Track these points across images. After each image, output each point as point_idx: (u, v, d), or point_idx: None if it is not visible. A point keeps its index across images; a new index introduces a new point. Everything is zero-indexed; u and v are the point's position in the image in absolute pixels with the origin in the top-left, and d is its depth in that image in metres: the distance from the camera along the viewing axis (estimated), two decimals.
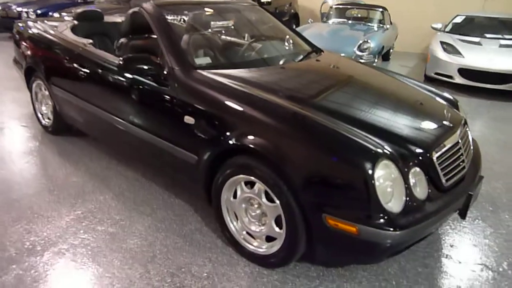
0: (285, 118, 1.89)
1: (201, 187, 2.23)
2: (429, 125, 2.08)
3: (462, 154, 2.08)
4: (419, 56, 8.99)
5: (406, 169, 1.76)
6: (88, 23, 3.58)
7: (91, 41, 3.03)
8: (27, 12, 8.32)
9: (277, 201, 1.88)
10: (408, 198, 1.73)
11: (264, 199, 1.97)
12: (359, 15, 7.76)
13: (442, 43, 6.13)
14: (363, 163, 1.66)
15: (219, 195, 2.14)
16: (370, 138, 1.80)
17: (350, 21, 7.32)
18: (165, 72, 2.29)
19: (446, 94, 2.68)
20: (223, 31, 2.89)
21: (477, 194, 2.14)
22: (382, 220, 1.65)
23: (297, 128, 1.84)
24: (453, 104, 2.57)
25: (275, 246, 2.00)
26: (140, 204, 2.65)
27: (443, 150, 1.94)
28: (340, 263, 2.13)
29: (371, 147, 1.73)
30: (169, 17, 2.61)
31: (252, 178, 1.95)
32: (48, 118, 3.67)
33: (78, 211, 2.55)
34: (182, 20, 2.74)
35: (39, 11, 8.29)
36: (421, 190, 1.80)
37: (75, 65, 2.94)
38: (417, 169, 1.81)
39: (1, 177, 2.95)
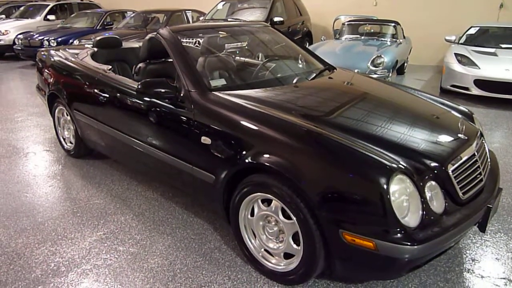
0: (299, 136, 1.93)
1: (219, 205, 2.27)
2: (444, 139, 2.09)
3: (479, 167, 2.07)
4: (434, 69, 8.95)
5: (421, 183, 1.77)
6: (107, 50, 3.73)
7: (110, 67, 3.15)
8: (48, 41, 8.68)
9: (294, 218, 1.90)
10: (424, 212, 1.73)
11: (281, 216, 1.99)
12: (372, 31, 7.82)
13: (456, 55, 6.11)
14: (378, 178, 1.68)
15: (237, 213, 2.17)
16: (385, 153, 1.82)
17: (362, 37, 7.37)
18: (181, 95, 2.37)
19: (460, 107, 2.67)
20: (237, 53, 2.98)
21: (496, 207, 2.11)
22: (399, 235, 1.66)
23: (311, 146, 1.87)
24: (468, 116, 2.57)
25: (294, 263, 2.01)
26: (160, 224, 2.71)
27: (459, 163, 1.94)
28: (359, 279, 2.12)
29: (386, 162, 1.74)
30: (184, 41, 2.71)
31: (269, 195, 1.98)
32: (70, 142, 3.80)
33: (100, 232, 2.61)
34: (197, 43, 2.83)
35: (60, 39, 8.65)
36: (437, 204, 1.80)
37: (95, 90, 3.06)
38: (433, 182, 1.82)
39: (27, 201, 3.06)
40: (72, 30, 9.39)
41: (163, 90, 2.38)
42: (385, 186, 1.66)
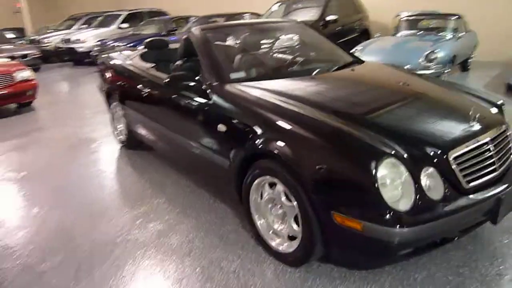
0: (300, 123, 2.03)
1: (233, 188, 2.44)
2: (451, 126, 2.04)
3: (492, 156, 1.99)
4: (504, 65, 8.25)
5: (417, 169, 1.77)
6: (156, 51, 4.08)
7: (153, 65, 3.47)
8: (119, 46, 9.53)
9: (294, 201, 2.00)
10: (418, 197, 1.73)
11: (283, 199, 2.10)
12: (432, 26, 7.46)
13: None
14: (367, 161, 1.73)
15: (247, 195, 2.32)
16: (381, 139, 1.84)
17: (419, 32, 7.07)
18: (203, 87, 2.58)
19: (491, 97, 2.55)
20: (261, 48, 3.12)
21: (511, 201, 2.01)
22: (386, 218, 1.68)
23: (309, 132, 1.96)
24: (496, 106, 2.45)
25: (295, 245, 2.10)
26: (188, 207, 2.94)
27: (464, 150, 1.89)
28: (355, 265, 2.13)
29: (376, 146, 1.78)
30: (212, 39, 2.92)
31: (274, 179, 2.10)
32: (123, 135, 4.21)
33: (135, 212, 2.91)
34: (225, 41, 3.03)
35: (128, 45, 9.45)
36: (435, 190, 1.78)
37: (138, 86, 3.40)
38: (431, 169, 1.80)
39: (83, 183, 3.49)
40: (140, 36, 10.19)
41: (188, 83, 2.60)
42: (373, 169, 1.70)
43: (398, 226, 1.67)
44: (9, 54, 9.62)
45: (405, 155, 1.78)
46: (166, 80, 2.62)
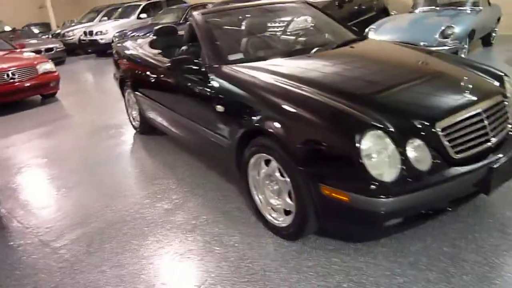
0: (290, 100, 2.08)
1: (233, 166, 2.52)
2: (440, 97, 2.04)
3: (485, 127, 1.97)
4: None
5: (403, 141, 1.79)
6: (165, 37, 4.18)
7: (160, 51, 3.58)
8: (138, 36, 9.70)
9: (286, 176, 2.06)
10: (404, 168, 1.75)
11: (278, 175, 2.16)
12: (452, 0, 7.20)
13: None
14: (351, 133, 1.76)
15: (246, 172, 2.40)
16: (366, 111, 1.87)
17: (438, 8, 6.85)
18: (203, 69, 2.65)
19: (492, 69, 2.51)
20: (262, 29, 3.15)
21: (506, 171, 2.00)
22: (372, 188, 1.72)
23: (299, 107, 2.00)
24: (497, 78, 2.40)
25: (290, 219, 2.17)
26: (196, 187, 3.05)
27: (452, 122, 1.89)
28: (348, 236, 2.18)
29: (360, 118, 1.81)
30: (213, 22, 2.99)
31: (269, 156, 2.17)
32: (137, 121, 4.37)
33: (145, 192, 3.06)
34: (226, 24, 3.08)
35: (147, 34, 9.61)
36: (422, 161, 1.80)
37: (147, 73, 3.52)
38: (418, 140, 1.81)
39: (100, 166, 3.68)
40: (158, 25, 10.33)
41: (188, 66, 2.69)
42: (357, 141, 1.73)
43: (383, 196, 1.71)
44: (35, 48, 10.03)
45: (391, 127, 1.80)
46: (168, 64, 2.71)
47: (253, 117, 2.21)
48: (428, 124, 1.85)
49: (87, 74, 10.00)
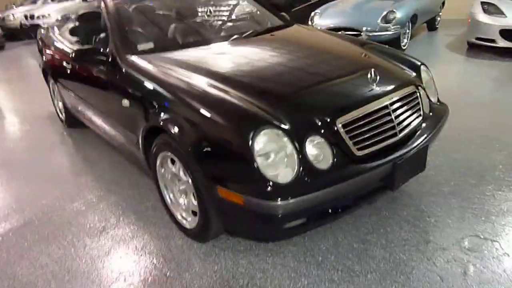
0: (187, 94, 1.93)
1: (143, 163, 2.36)
2: (343, 91, 1.95)
3: (391, 120, 1.91)
4: None
5: (300, 138, 1.69)
6: (88, 24, 3.87)
7: (76, 39, 3.31)
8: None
9: (188, 176, 1.93)
10: (301, 168, 1.66)
11: (181, 174, 2.03)
12: None
13: (483, 3, 5.46)
14: (243, 132, 1.64)
15: (155, 170, 2.25)
16: (263, 107, 1.75)
17: None
18: (109, 60, 2.45)
19: (411, 58, 2.47)
20: (178, 16, 2.96)
21: (416, 165, 1.97)
22: (266, 190, 1.61)
23: (194, 102, 1.86)
24: (414, 68, 2.35)
25: (196, 220, 2.05)
26: (114, 184, 2.87)
27: (353, 117, 1.79)
28: (254, 238, 2.10)
29: (254, 115, 1.70)
30: (125, 9, 2.77)
31: (173, 155, 2.02)
32: (63, 113, 4.08)
33: (58, 191, 2.83)
34: (138, 10, 2.86)
35: None
36: (322, 160, 1.71)
37: (63, 63, 3.25)
38: (317, 138, 1.72)
39: (10, 163, 3.41)
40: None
41: (93, 57, 2.47)
42: (250, 140, 1.62)
43: (279, 199, 1.61)
44: None
45: (287, 124, 1.69)
46: (72, 55, 2.48)
47: (153, 113, 2.05)
48: (328, 120, 1.75)
49: (27, 60, 9.35)
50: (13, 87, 6.51)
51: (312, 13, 6.23)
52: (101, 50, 2.50)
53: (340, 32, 5.70)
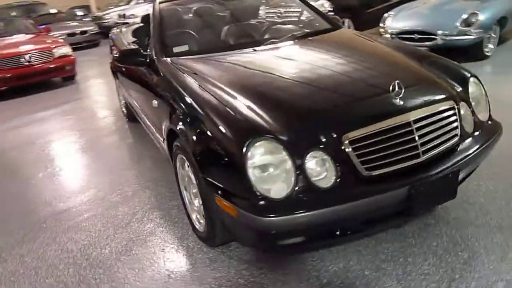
0: (196, 101, 1.95)
1: (170, 162, 2.44)
2: (355, 103, 1.79)
3: (413, 140, 1.70)
4: None
5: (301, 152, 1.59)
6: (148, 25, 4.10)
7: (135, 40, 3.52)
8: None
9: (195, 181, 1.93)
10: (298, 184, 1.57)
11: (192, 177, 2.03)
12: None
13: None
14: (239, 141, 1.60)
15: (176, 170, 2.30)
16: (265, 116, 1.68)
17: None
18: (148, 61, 2.56)
19: (460, 69, 2.18)
20: (219, 20, 2.98)
21: (440, 191, 1.74)
22: (258, 204, 1.55)
23: (202, 108, 1.86)
24: (461, 80, 2.07)
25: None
26: (150, 181, 2.99)
27: (365, 133, 1.63)
28: (257, 248, 2.03)
29: (252, 124, 1.64)
30: (170, 12, 2.87)
31: (185, 158, 2.04)
32: (125, 108, 4.38)
33: (101, 185, 3.06)
34: (181, 13, 2.94)
35: None
36: (323, 177, 1.59)
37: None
38: (320, 153, 1.60)
39: (73, 152, 3.76)
40: None
41: (137, 58, 2.60)
42: (244, 151, 1.56)
43: (270, 214, 1.53)
44: (70, 31, 10.47)
45: (288, 137, 1.60)
46: (116, 56, 2.64)
47: (173, 116, 2.10)
48: (334, 135, 1.62)
49: None
50: (99, 82, 7.14)
51: (385, 15, 5.86)
52: (141, 51, 2.62)
53: (414, 36, 5.31)
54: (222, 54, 2.47)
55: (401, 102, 1.75)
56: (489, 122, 2.08)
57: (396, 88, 1.76)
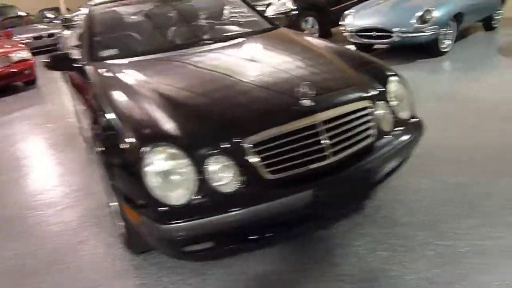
0: (110, 102, 1.92)
1: None
2: (259, 106, 1.77)
3: (318, 142, 1.67)
4: None
5: (200, 158, 1.55)
6: None
7: (78, 43, 3.44)
8: None
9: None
10: (199, 190, 1.54)
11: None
12: None
13: None
14: (136, 148, 1.56)
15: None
16: (164, 121, 1.65)
17: None
18: (79, 66, 2.50)
19: (380, 66, 2.21)
20: (152, 22, 2.93)
21: (351, 193, 1.74)
22: (157, 211, 1.52)
23: (108, 118, 1.83)
24: (381, 78, 2.07)
25: None
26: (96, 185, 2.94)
27: (267, 136, 1.60)
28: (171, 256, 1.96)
29: (149, 131, 1.62)
30: (101, 16, 2.82)
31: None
32: None
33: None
34: (113, 17, 2.89)
35: None
36: (225, 182, 1.56)
37: None
38: (222, 158, 1.57)
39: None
40: None
41: (63, 63, 2.54)
42: (142, 157, 1.53)
43: (169, 221, 1.50)
44: (37, 34, 10.27)
45: (188, 142, 1.57)
46: (46, 61, 2.57)
47: (93, 121, 2.06)
48: (235, 140, 1.59)
49: None
50: (56, 87, 6.97)
51: (346, 12, 5.88)
52: (70, 56, 2.57)
53: (372, 33, 5.34)
54: (150, 57, 2.42)
55: (310, 104, 1.72)
56: (411, 121, 2.08)
57: (304, 90, 1.74)
